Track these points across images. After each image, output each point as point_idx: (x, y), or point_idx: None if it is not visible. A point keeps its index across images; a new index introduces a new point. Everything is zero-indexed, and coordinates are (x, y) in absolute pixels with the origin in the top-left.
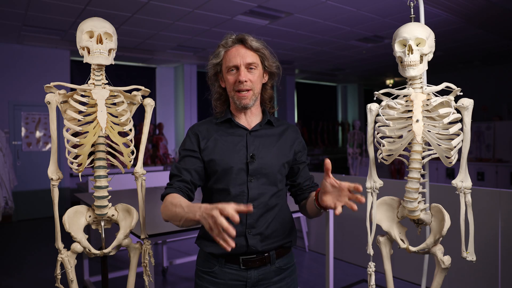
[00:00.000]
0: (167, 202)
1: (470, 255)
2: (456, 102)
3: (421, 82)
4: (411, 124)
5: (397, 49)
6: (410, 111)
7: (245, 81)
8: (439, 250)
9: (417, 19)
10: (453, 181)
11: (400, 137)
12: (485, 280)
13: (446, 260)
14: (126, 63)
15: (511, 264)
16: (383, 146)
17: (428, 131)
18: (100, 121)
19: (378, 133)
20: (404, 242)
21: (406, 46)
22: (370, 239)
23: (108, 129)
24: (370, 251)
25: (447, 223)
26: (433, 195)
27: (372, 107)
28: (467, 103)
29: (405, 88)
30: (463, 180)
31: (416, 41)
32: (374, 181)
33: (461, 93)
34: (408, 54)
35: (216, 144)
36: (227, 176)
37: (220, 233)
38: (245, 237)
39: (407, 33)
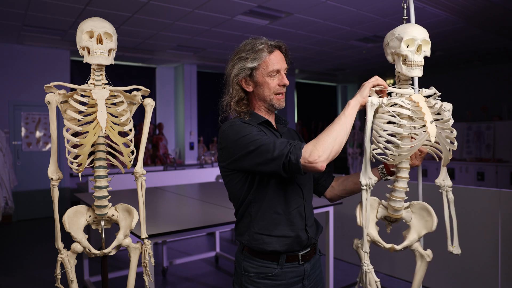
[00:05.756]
0: (317, 139)
1: (455, 249)
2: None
3: (411, 83)
4: (424, 125)
5: (404, 47)
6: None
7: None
8: (419, 245)
9: (408, 20)
10: (436, 180)
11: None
12: (485, 280)
13: (430, 253)
14: (126, 63)
15: (511, 264)
16: (395, 145)
17: (440, 132)
18: (100, 121)
19: (384, 131)
20: (384, 242)
21: (413, 45)
22: (365, 237)
23: (108, 129)
24: (366, 249)
25: (435, 220)
26: (434, 195)
27: (374, 101)
28: (449, 107)
29: (399, 88)
30: (444, 179)
31: (423, 43)
32: (369, 177)
33: (439, 98)
34: (417, 53)
35: None
36: None
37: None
38: (305, 229)
39: (417, 32)
